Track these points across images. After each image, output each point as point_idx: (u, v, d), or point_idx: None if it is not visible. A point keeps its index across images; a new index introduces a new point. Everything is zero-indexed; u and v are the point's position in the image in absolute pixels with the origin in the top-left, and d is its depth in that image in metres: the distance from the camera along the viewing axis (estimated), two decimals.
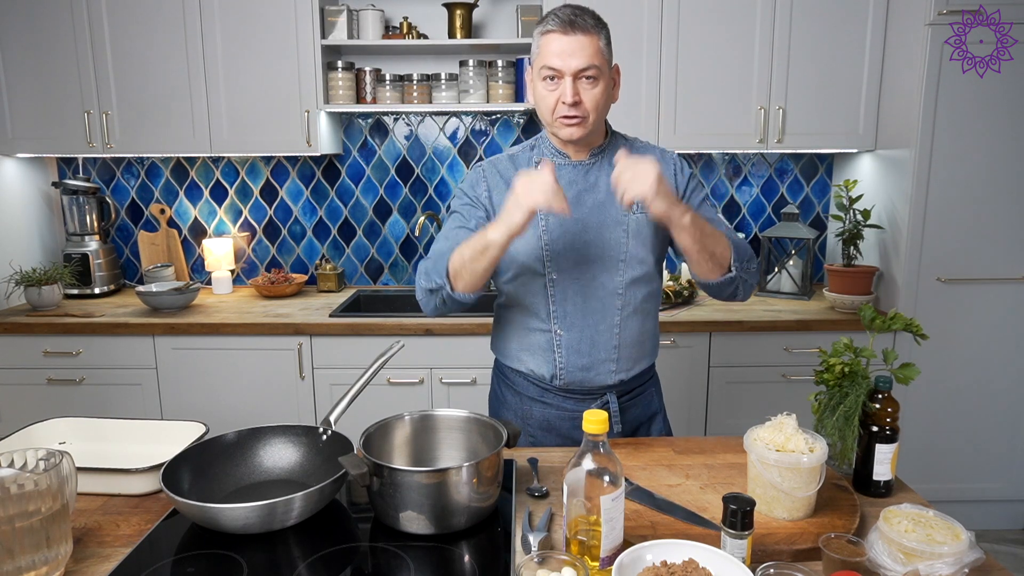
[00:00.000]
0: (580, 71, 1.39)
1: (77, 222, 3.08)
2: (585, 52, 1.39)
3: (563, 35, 1.39)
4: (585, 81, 1.41)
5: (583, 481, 1.02)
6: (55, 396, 2.69)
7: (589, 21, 1.40)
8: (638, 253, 1.50)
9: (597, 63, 1.40)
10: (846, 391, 1.31)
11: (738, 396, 2.70)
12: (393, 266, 3.28)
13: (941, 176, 2.59)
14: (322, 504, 1.19)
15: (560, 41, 1.39)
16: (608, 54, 1.44)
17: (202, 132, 2.82)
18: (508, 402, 1.65)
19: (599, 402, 1.57)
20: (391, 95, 2.88)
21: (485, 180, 1.56)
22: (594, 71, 1.40)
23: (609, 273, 1.50)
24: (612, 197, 1.48)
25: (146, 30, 2.75)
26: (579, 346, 1.52)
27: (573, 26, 1.39)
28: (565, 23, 1.39)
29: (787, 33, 2.72)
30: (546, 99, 1.44)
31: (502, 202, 1.42)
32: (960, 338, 2.69)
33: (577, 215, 1.49)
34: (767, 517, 1.16)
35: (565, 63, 1.39)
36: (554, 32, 1.40)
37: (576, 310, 1.51)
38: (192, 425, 1.46)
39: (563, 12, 1.41)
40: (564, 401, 1.57)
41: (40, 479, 0.99)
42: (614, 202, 1.48)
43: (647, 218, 1.50)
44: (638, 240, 1.50)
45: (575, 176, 1.52)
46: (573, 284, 1.50)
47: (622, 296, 1.51)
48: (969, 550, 0.99)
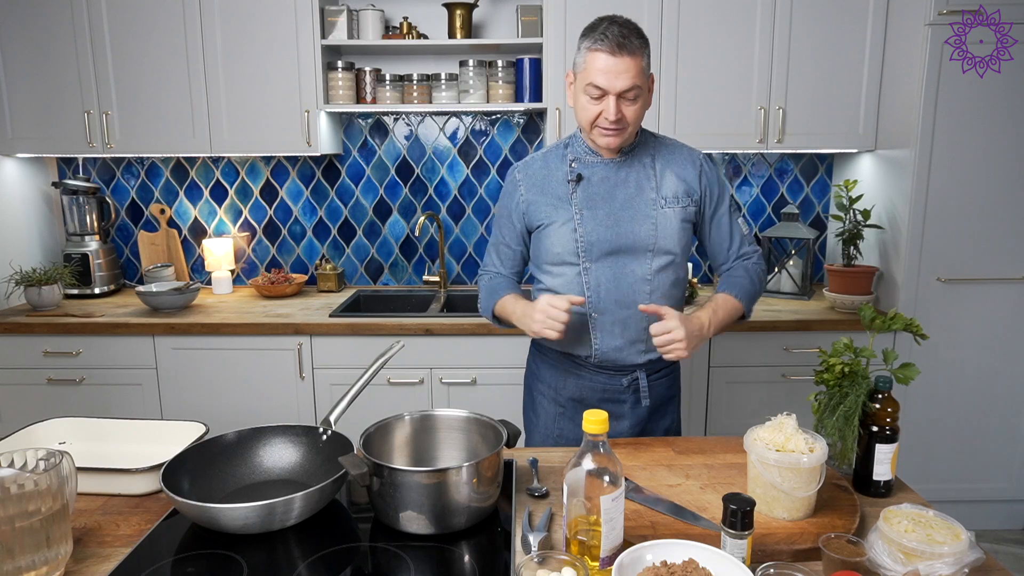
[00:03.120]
0: (624, 91, 1.48)
1: (77, 222, 3.08)
2: (630, 73, 1.46)
3: (611, 56, 1.46)
4: (627, 100, 1.50)
5: (583, 481, 1.02)
6: (55, 396, 2.69)
7: (636, 43, 1.47)
8: (665, 244, 1.60)
9: (640, 83, 1.49)
10: (846, 391, 1.31)
11: (738, 396, 2.70)
12: (393, 266, 3.28)
13: (941, 176, 2.59)
14: (322, 504, 1.19)
15: (608, 61, 1.46)
16: (648, 71, 1.52)
17: (202, 132, 2.82)
18: (544, 375, 1.77)
19: (629, 377, 1.67)
20: (391, 95, 2.88)
21: (520, 187, 1.67)
22: (636, 91, 1.49)
23: (639, 261, 1.60)
24: (641, 191, 1.61)
25: (146, 30, 2.75)
26: (612, 328, 1.62)
27: (622, 48, 1.45)
28: (614, 45, 1.45)
29: (787, 33, 2.72)
30: (588, 110, 1.52)
31: (536, 202, 1.64)
32: (960, 338, 2.68)
33: (608, 208, 1.59)
34: (767, 517, 1.16)
35: (611, 83, 1.47)
36: (602, 52, 1.46)
37: (609, 296, 1.61)
38: (192, 425, 1.46)
39: (613, 32, 1.46)
40: (597, 375, 1.68)
41: (40, 479, 0.99)
42: (643, 196, 1.61)
43: (674, 212, 1.61)
44: (665, 233, 1.60)
45: (608, 172, 1.62)
46: (606, 272, 1.60)
47: (650, 282, 1.61)
48: (969, 550, 0.99)
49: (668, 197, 1.61)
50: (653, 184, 1.61)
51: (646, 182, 1.61)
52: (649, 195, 1.61)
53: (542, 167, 1.67)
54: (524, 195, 1.66)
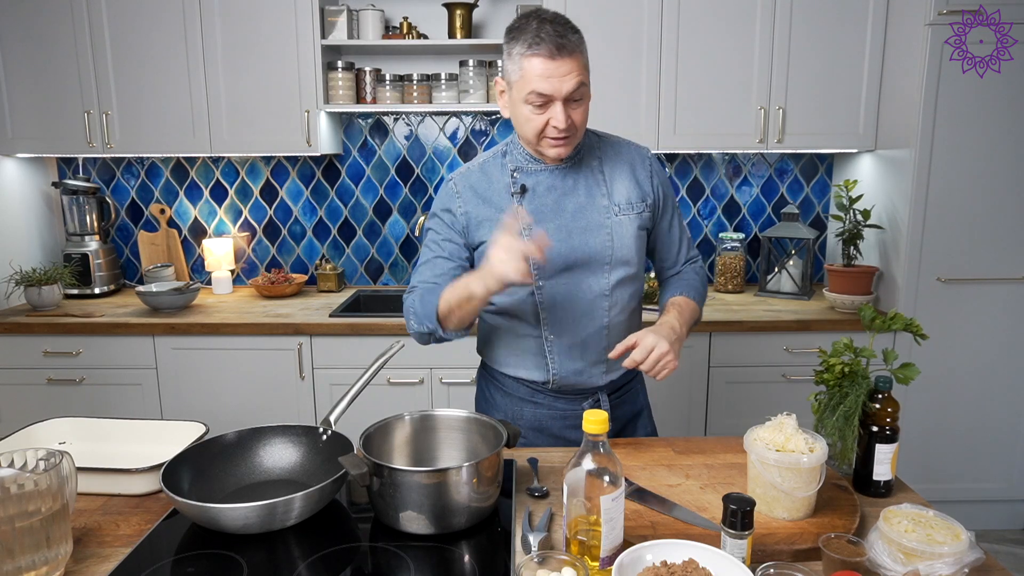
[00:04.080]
0: (571, 93, 1.35)
1: (77, 222, 3.08)
2: (573, 74, 1.34)
3: (550, 60, 1.32)
4: (573, 102, 1.37)
5: (583, 481, 1.02)
6: (55, 396, 2.69)
7: (573, 38, 1.34)
8: (622, 255, 1.49)
9: (585, 80, 1.37)
10: (846, 391, 1.31)
11: (738, 396, 2.70)
12: (393, 266, 3.28)
13: (941, 176, 2.59)
14: (322, 504, 1.19)
15: (548, 66, 1.32)
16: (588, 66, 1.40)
17: (202, 132, 2.82)
18: (497, 403, 1.62)
19: (590, 401, 1.56)
20: (391, 95, 2.88)
21: (459, 195, 1.51)
22: (582, 90, 1.37)
23: (596, 276, 1.48)
24: (592, 199, 1.48)
25: (146, 30, 2.75)
26: (570, 351, 1.50)
27: (562, 50, 1.32)
28: (552, 47, 1.32)
29: (787, 33, 2.72)
30: (532, 121, 1.38)
31: (478, 215, 1.48)
32: (960, 338, 2.68)
33: (559, 222, 1.46)
34: (767, 517, 1.16)
35: (557, 88, 1.34)
36: (541, 56, 1.33)
37: (565, 315, 1.49)
38: (192, 425, 1.46)
39: (548, 33, 1.32)
40: (555, 401, 1.56)
41: (40, 479, 0.99)
42: (595, 204, 1.48)
43: (629, 220, 1.49)
44: (622, 243, 1.48)
45: (554, 181, 1.48)
46: (561, 289, 1.48)
47: (609, 297, 1.50)
48: (969, 550, 0.99)
49: (622, 204, 1.48)
50: (604, 190, 1.49)
51: (596, 188, 1.49)
52: (601, 202, 1.48)
53: (481, 178, 1.51)
54: (464, 208, 1.49)
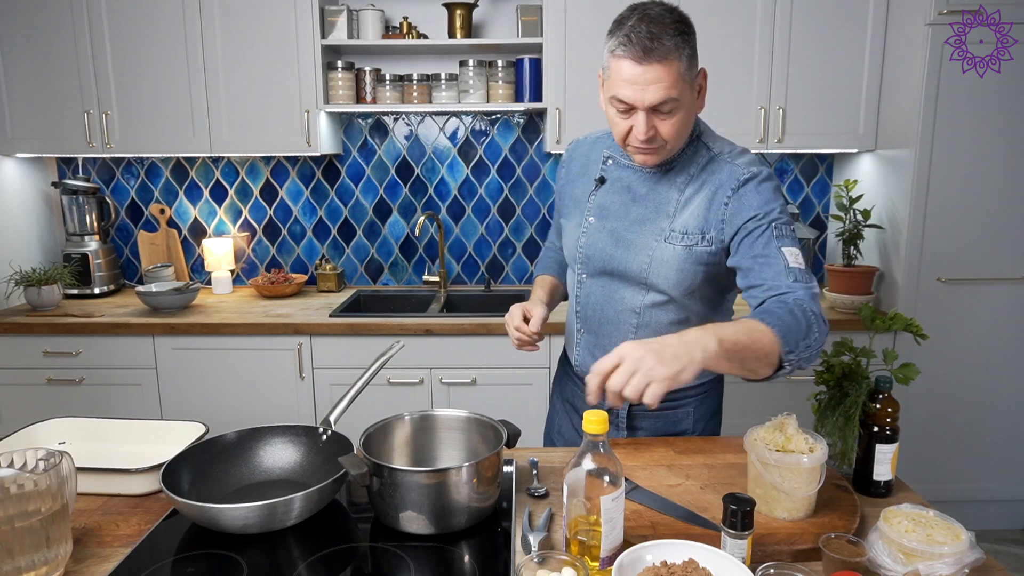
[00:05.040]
0: (655, 105, 1.23)
1: (77, 222, 3.08)
2: (662, 84, 1.21)
3: (637, 64, 1.20)
4: (661, 114, 1.25)
5: (583, 481, 1.02)
6: (55, 396, 2.69)
7: (668, 44, 1.19)
8: (657, 283, 1.38)
9: (676, 94, 1.22)
10: (846, 391, 1.31)
11: (738, 396, 2.70)
12: (393, 266, 3.28)
13: (941, 176, 2.59)
14: (322, 504, 1.19)
15: (633, 71, 1.21)
16: (691, 73, 1.26)
17: (202, 132, 2.82)
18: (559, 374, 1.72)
19: None
20: (391, 95, 2.88)
21: (566, 164, 1.58)
22: (672, 104, 1.23)
23: (631, 291, 1.43)
24: (656, 216, 1.37)
25: (146, 30, 2.75)
26: (594, 349, 1.51)
27: (649, 54, 1.19)
28: (639, 50, 1.19)
29: (787, 33, 2.71)
30: (617, 125, 1.30)
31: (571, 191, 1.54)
32: (960, 338, 2.68)
33: (615, 225, 1.42)
34: (767, 517, 1.16)
35: (638, 97, 1.22)
36: (626, 59, 1.21)
37: (595, 315, 1.50)
38: (192, 425, 1.45)
39: (638, 33, 1.19)
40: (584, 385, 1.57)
41: (40, 479, 0.99)
42: (655, 223, 1.37)
43: (674, 251, 1.35)
44: (660, 271, 1.37)
45: (632, 182, 1.42)
46: (598, 290, 1.48)
47: (639, 316, 1.43)
48: (969, 550, 0.99)
49: (676, 230, 1.35)
50: (671, 210, 1.37)
51: (665, 207, 1.37)
52: (661, 223, 1.37)
53: (586, 153, 1.52)
54: (565, 174, 1.56)
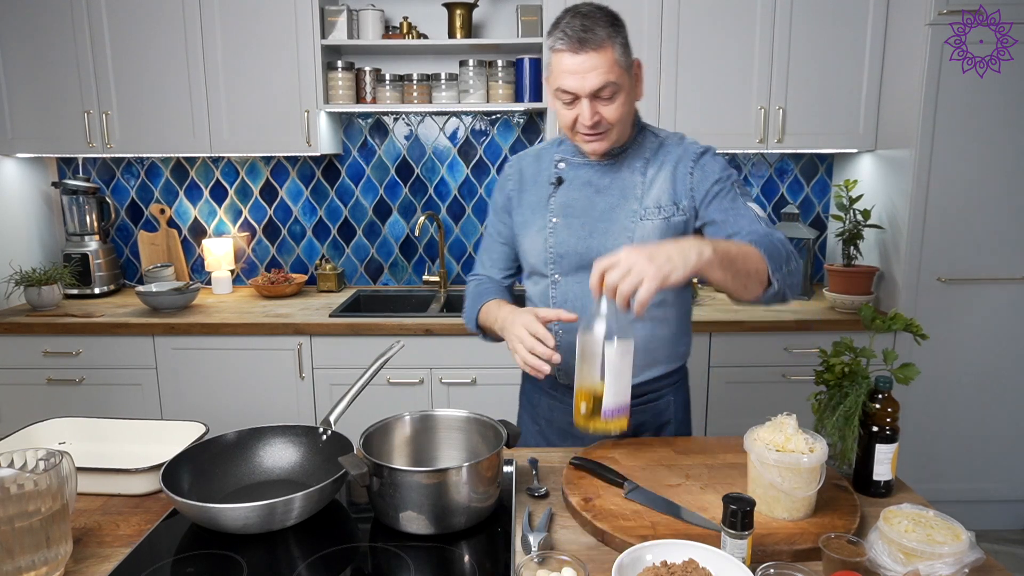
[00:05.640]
0: (596, 91, 1.32)
1: (77, 222, 3.08)
2: (599, 70, 1.30)
3: (574, 54, 1.30)
4: (603, 99, 1.34)
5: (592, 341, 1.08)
6: (55, 396, 2.69)
7: (601, 33, 1.30)
8: None
9: (614, 78, 1.32)
10: (846, 391, 1.31)
11: (738, 396, 2.70)
12: (393, 266, 3.28)
13: (941, 176, 2.59)
14: (322, 504, 1.19)
15: (571, 60, 1.31)
16: (626, 60, 1.35)
17: (202, 132, 2.82)
18: (526, 390, 1.70)
19: None
20: (391, 95, 2.88)
21: (510, 178, 1.58)
22: (611, 88, 1.33)
23: None
24: (624, 201, 1.44)
25: (146, 30, 2.75)
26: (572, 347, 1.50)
27: (583, 44, 1.29)
28: (574, 41, 1.29)
29: (787, 33, 2.72)
30: (564, 116, 1.39)
31: (519, 199, 1.55)
32: (960, 338, 2.68)
33: (585, 219, 1.46)
34: (767, 517, 1.16)
35: (579, 85, 1.32)
36: (564, 52, 1.31)
37: (578, 311, 1.46)
38: (192, 425, 1.45)
39: (572, 27, 1.30)
40: (566, 396, 1.56)
41: (40, 479, 0.99)
42: (625, 207, 1.44)
43: (654, 225, 1.41)
44: None
45: (591, 177, 1.48)
46: (575, 287, 1.47)
47: None
48: (969, 550, 0.99)
49: (650, 207, 1.42)
50: (638, 192, 1.44)
51: (631, 190, 1.45)
52: (631, 206, 1.43)
53: (533, 163, 1.55)
54: (511, 189, 1.56)
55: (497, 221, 1.60)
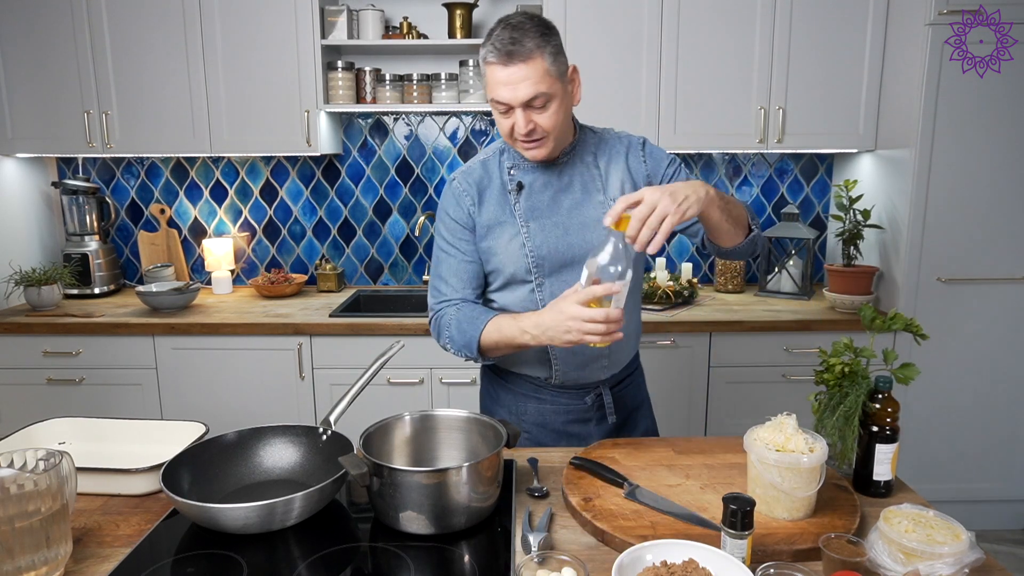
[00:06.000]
0: (527, 101, 1.34)
1: (77, 222, 3.08)
2: (529, 81, 1.32)
3: (504, 67, 1.33)
4: (535, 108, 1.36)
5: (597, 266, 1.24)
6: (55, 396, 2.69)
7: (529, 44, 1.32)
8: None
9: (544, 88, 1.34)
10: (846, 391, 1.31)
11: (738, 396, 2.70)
12: (393, 266, 3.28)
13: (941, 176, 2.59)
14: (322, 504, 1.19)
15: (502, 73, 1.33)
16: (557, 68, 1.36)
17: (202, 132, 2.82)
18: (502, 400, 1.65)
19: (592, 395, 1.58)
20: (391, 95, 2.88)
21: (466, 193, 1.51)
22: (543, 98, 1.35)
23: None
24: (588, 195, 1.49)
25: (146, 30, 2.75)
26: (572, 348, 1.48)
27: (511, 56, 1.32)
28: (503, 54, 1.32)
29: (787, 33, 2.72)
30: (502, 124, 1.41)
31: (485, 213, 1.49)
32: (960, 338, 2.68)
33: (556, 219, 1.47)
34: (767, 517, 1.16)
35: (511, 96, 1.34)
36: (494, 64, 1.34)
37: None
38: (192, 425, 1.45)
39: (501, 39, 1.32)
40: (558, 397, 1.59)
41: (40, 479, 0.99)
42: (591, 199, 1.48)
43: None
44: None
45: (549, 178, 1.49)
46: (561, 287, 1.47)
47: None
48: (969, 550, 0.99)
49: (616, 196, 1.46)
50: (599, 184, 1.49)
51: (591, 184, 1.49)
52: (596, 198, 1.48)
53: (483, 175, 1.51)
54: (471, 204, 1.50)
55: (458, 240, 1.53)
